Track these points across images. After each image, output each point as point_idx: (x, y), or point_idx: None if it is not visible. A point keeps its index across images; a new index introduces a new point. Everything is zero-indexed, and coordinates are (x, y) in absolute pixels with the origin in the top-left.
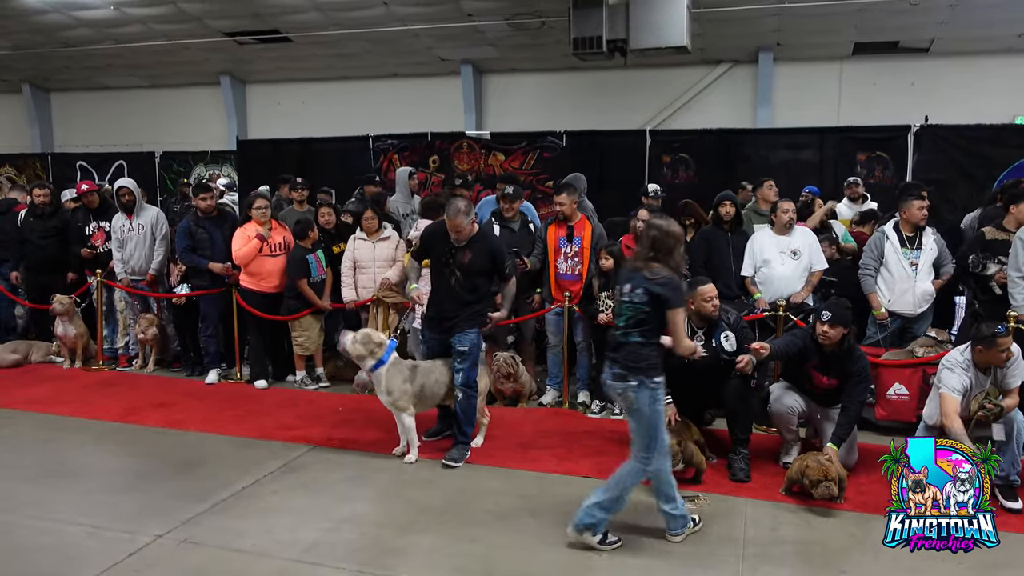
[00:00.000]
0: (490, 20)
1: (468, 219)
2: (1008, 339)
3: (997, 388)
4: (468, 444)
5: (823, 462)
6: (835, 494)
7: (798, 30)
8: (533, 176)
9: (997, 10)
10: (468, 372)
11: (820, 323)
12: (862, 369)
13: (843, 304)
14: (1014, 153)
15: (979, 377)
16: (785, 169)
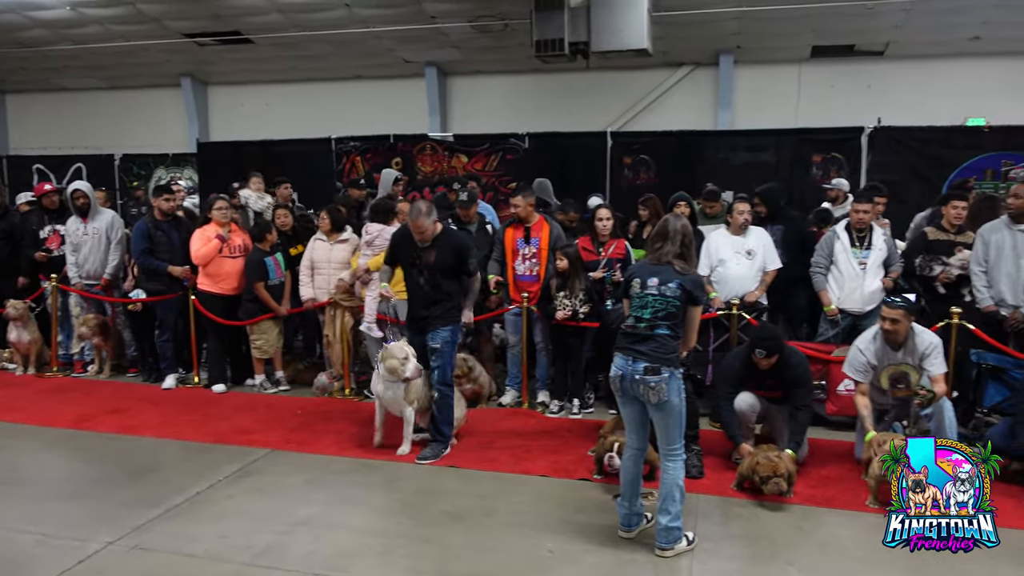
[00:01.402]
0: (453, 22)
1: (430, 219)
2: (890, 311)
3: (914, 368)
4: (445, 443)
5: (772, 458)
6: (784, 490)
7: (757, 33)
8: (496, 178)
9: (949, 15)
10: (443, 370)
11: (755, 356)
12: (802, 376)
13: (771, 332)
14: (964, 154)
15: (888, 352)
16: (744, 170)
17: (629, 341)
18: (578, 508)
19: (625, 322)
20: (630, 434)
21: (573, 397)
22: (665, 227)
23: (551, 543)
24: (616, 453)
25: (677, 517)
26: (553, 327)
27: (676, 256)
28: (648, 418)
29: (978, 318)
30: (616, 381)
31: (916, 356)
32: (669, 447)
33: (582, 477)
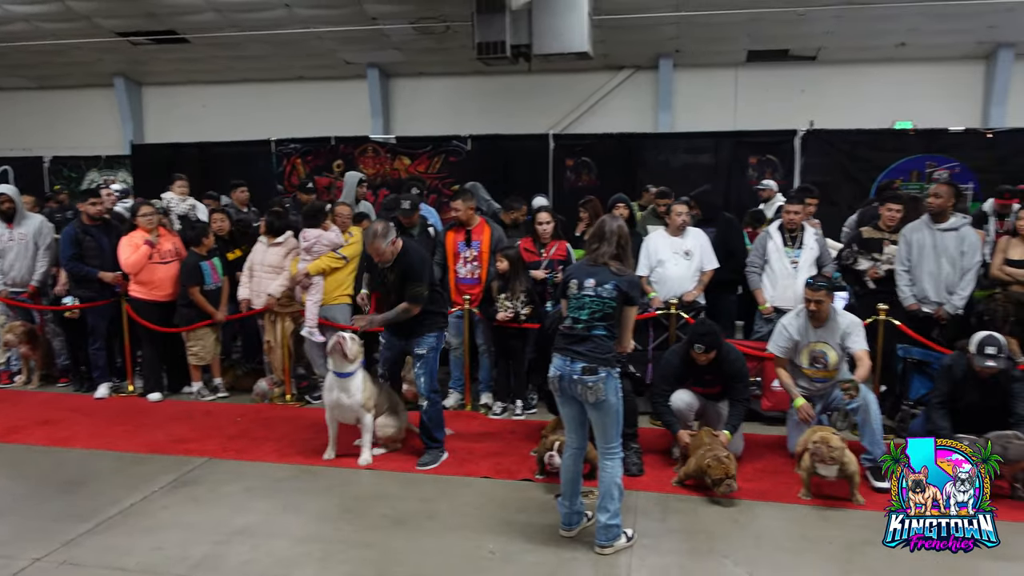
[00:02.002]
0: (394, 24)
1: (387, 241)
2: (813, 293)
3: (832, 348)
4: (440, 447)
5: (723, 459)
6: (736, 489)
7: (695, 37)
8: (439, 180)
9: (877, 22)
10: (430, 376)
11: (695, 352)
12: (739, 370)
13: (710, 328)
14: (891, 156)
15: (810, 330)
16: (683, 172)
17: (567, 342)
18: (520, 508)
19: (563, 323)
20: (569, 433)
21: (516, 398)
22: (601, 228)
23: (493, 544)
24: (556, 452)
25: (616, 515)
26: (495, 329)
27: (612, 257)
28: (587, 417)
29: (904, 314)
30: (555, 381)
31: (837, 335)
32: (607, 446)
33: (524, 478)
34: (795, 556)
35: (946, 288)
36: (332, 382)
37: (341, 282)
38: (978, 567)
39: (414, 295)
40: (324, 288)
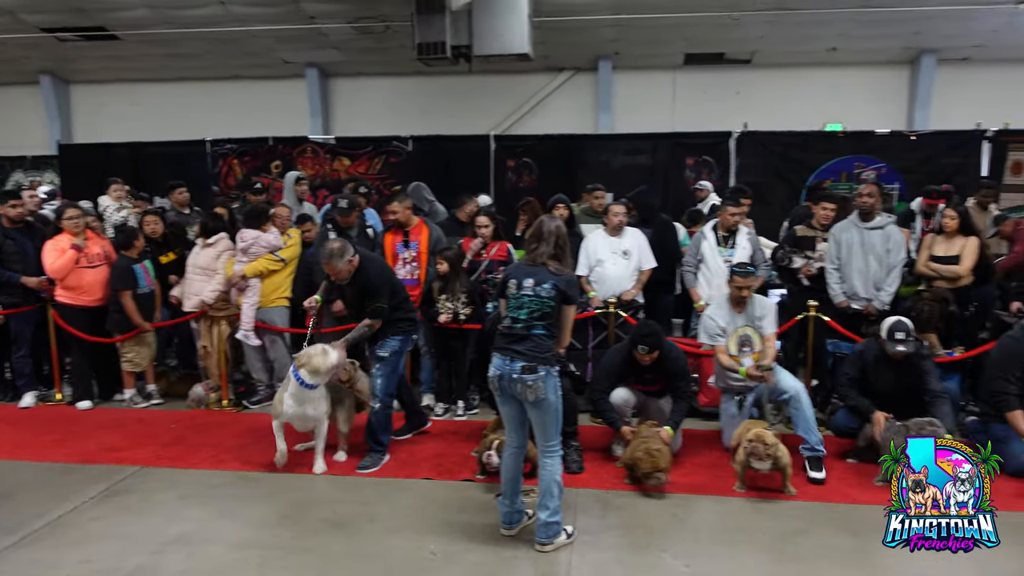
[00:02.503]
0: (333, 23)
1: (343, 260)
2: (742, 279)
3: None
4: (383, 452)
5: (653, 452)
6: (665, 483)
7: (634, 40)
8: (380, 180)
9: (808, 27)
10: (387, 379)
11: (638, 353)
12: (681, 368)
13: (652, 328)
14: (822, 157)
15: (733, 316)
16: (623, 173)
17: (506, 341)
18: (461, 509)
19: (502, 323)
20: (509, 432)
21: (457, 399)
22: (540, 229)
23: (434, 545)
24: (494, 451)
25: (556, 512)
26: (435, 330)
27: (551, 257)
28: (527, 416)
29: (834, 311)
30: (494, 381)
31: (754, 319)
32: (547, 444)
33: (466, 478)
34: (730, 547)
35: (874, 285)
36: (298, 394)
37: (279, 284)
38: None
39: (375, 311)
40: (261, 290)
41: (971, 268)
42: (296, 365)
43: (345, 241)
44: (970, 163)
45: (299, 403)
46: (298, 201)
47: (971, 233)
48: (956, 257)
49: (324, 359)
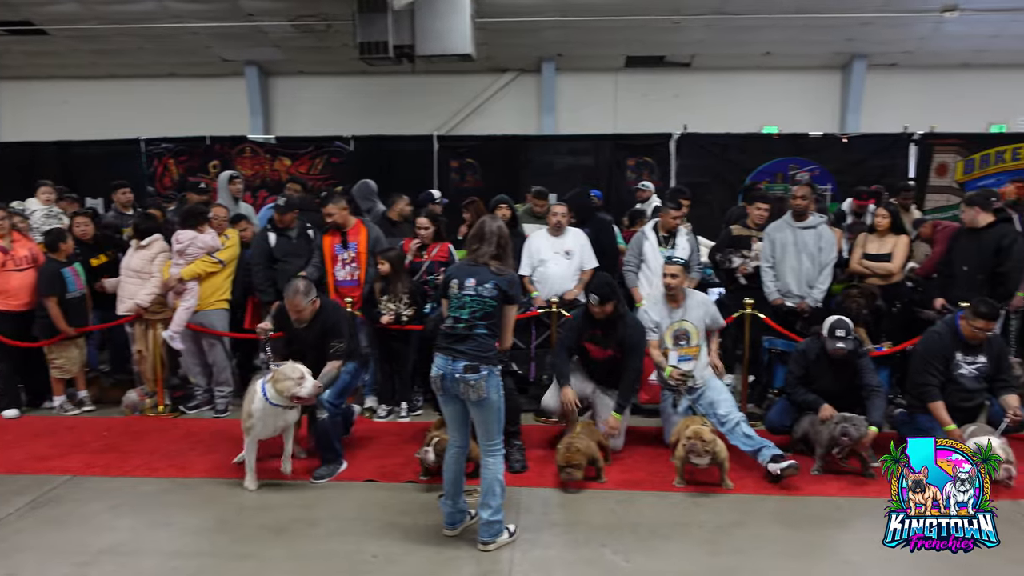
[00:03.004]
0: (272, 21)
1: (307, 299)
2: (671, 267)
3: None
4: (339, 460)
5: (571, 448)
6: (576, 479)
7: (576, 42)
8: (322, 181)
9: (744, 32)
10: (334, 390)
11: (592, 306)
12: (633, 335)
13: (606, 279)
14: (758, 158)
15: (669, 311)
16: (566, 173)
17: (449, 341)
18: (403, 511)
19: (444, 323)
20: (452, 432)
21: (401, 401)
22: (481, 229)
23: (375, 548)
24: (431, 448)
25: (498, 511)
26: (378, 331)
27: (492, 257)
28: (469, 416)
29: (769, 308)
30: (437, 380)
31: (693, 313)
32: (489, 443)
33: (408, 480)
34: (668, 541)
35: (806, 282)
36: (266, 407)
37: (218, 287)
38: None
39: (339, 351)
40: (199, 293)
41: (902, 265)
42: (267, 381)
43: (309, 282)
44: (898, 165)
45: (270, 416)
46: (234, 200)
47: (902, 232)
48: (888, 255)
49: (296, 387)
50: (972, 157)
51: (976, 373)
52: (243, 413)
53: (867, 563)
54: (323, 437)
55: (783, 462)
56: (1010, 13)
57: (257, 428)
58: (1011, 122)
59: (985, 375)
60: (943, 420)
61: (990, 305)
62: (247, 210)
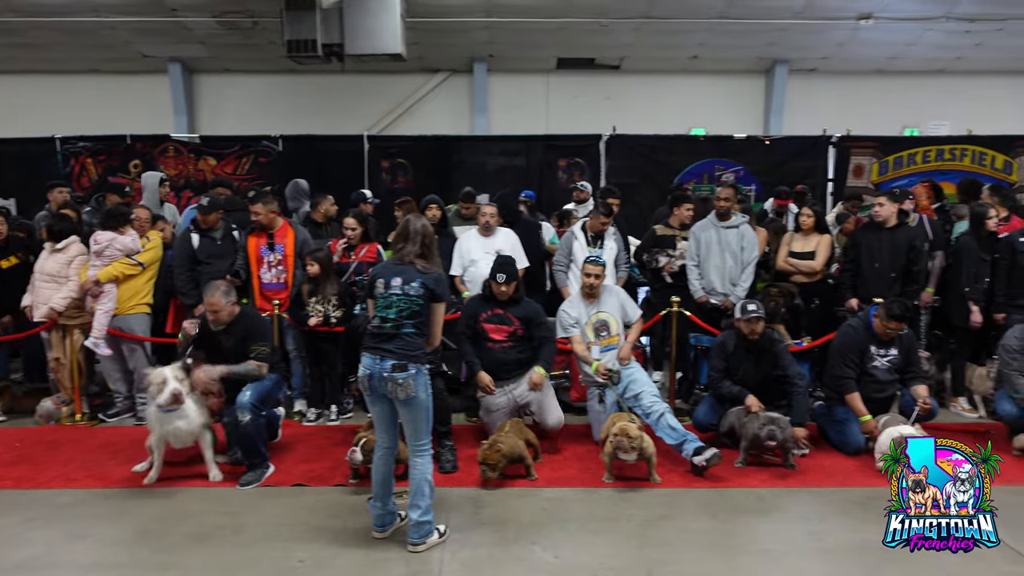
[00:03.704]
0: (197, 17)
1: (228, 300)
2: (593, 267)
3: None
4: (265, 464)
5: (492, 447)
6: (491, 478)
7: (507, 43)
8: (249, 181)
9: (671, 36)
10: (255, 393)
11: (495, 284)
12: (535, 310)
13: (509, 259)
14: (685, 159)
15: (586, 306)
16: (498, 174)
17: (376, 341)
18: (332, 514)
19: (371, 323)
20: (380, 433)
21: (331, 403)
22: (406, 228)
23: (302, 552)
24: (359, 449)
25: (427, 511)
26: (306, 334)
27: (417, 256)
28: (397, 416)
29: (695, 305)
30: (364, 380)
31: (610, 304)
32: (417, 443)
33: (338, 483)
34: (597, 536)
35: (730, 280)
36: (161, 417)
37: (138, 290)
38: (750, 528)
39: (262, 354)
40: (118, 297)
41: (824, 263)
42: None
43: (230, 285)
44: (818, 166)
45: (164, 421)
46: (160, 204)
47: (825, 231)
48: (812, 253)
49: (159, 392)
50: (887, 159)
51: (888, 365)
52: (147, 417)
53: (786, 552)
54: (247, 442)
55: (706, 452)
56: (922, 22)
57: (159, 431)
58: (923, 126)
59: (897, 367)
60: (859, 411)
61: (903, 306)
62: (171, 211)
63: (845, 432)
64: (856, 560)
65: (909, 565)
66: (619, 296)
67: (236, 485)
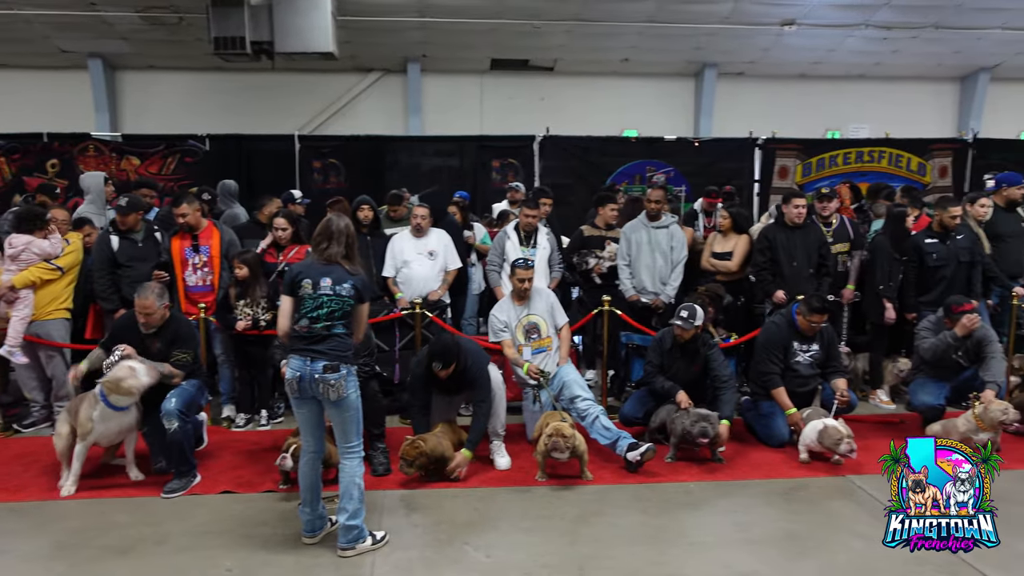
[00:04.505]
0: (118, 11)
1: (161, 302)
2: (524, 272)
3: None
4: (192, 473)
5: (410, 444)
6: (409, 474)
7: (441, 44)
8: (175, 182)
9: (602, 38)
10: (180, 400)
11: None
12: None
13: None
14: (617, 161)
15: (516, 308)
16: (433, 175)
17: (305, 343)
18: (261, 522)
19: (298, 324)
20: (306, 437)
21: (261, 408)
22: (328, 227)
23: (230, 561)
24: (289, 454)
25: (356, 515)
26: (234, 337)
27: (343, 256)
28: (323, 419)
29: (626, 304)
30: (293, 383)
31: (540, 306)
32: (347, 445)
33: (268, 489)
34: (530, 535)
35: (660, 279)
36: (108, 413)
37: (57, 295)
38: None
39: (182, 362)
40: (36, 302)
41: (741, 263)
42: (103, 390)
43: (163, 287)
44: (745, 168)
45: (109, 420)
46: (105, 204)
47: (743, 232)
48: (730, 253)
49: (135, 381)
50: (810, 161)
51: (811, 360)
52: (80, 419)
53: (713, 543)
54: (176, 450)
55: (640, 447)
56: (843, 29)
57: (97, 432)
58: (844, 129)
59: (818, 362)
60: (785, 405)
61: (822, 300)
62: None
63: (771, 426)
64: (780, 549)
65: (826, 554)
66: (549, 299)
67: (160, 494)
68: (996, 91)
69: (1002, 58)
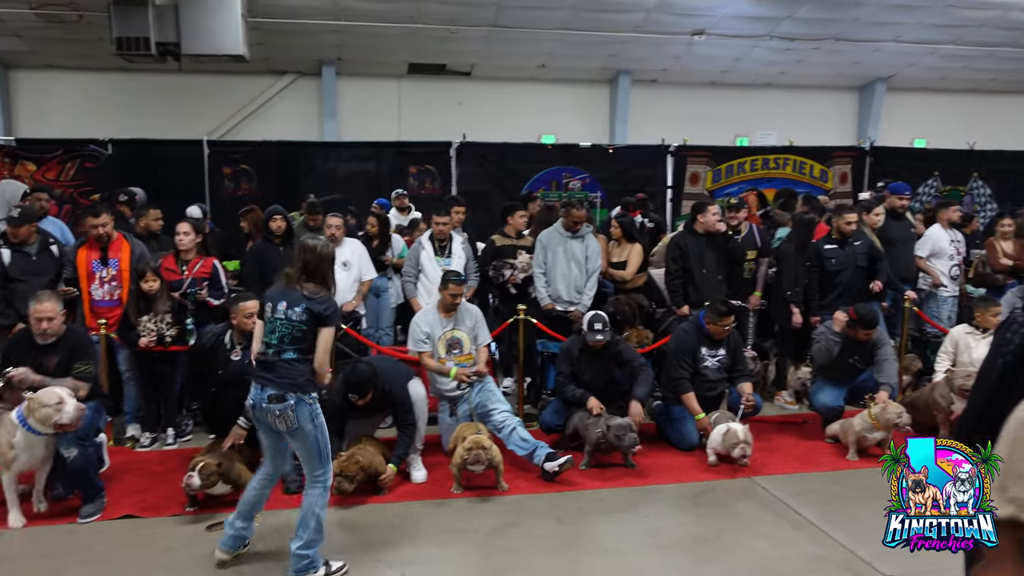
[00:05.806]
0: (10, 7)
1: (59, 309)
2: (456, 287)
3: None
4: (102, 496)
5: (347, 458)
6: (346, 490)
7: (357, 47)
8: (74, 188)
9: (518, 44)
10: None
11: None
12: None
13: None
14: (534, 167)
15: (441, 320)
16: (349, 180)
17: (259, 369)
18: (167, 547)
19: (260, 349)
20: (265, 459)
21: (167, 426)
22: (297, 248)
23: None
24: (196, 473)
25: (309, 545)
26: (138, 354)
27: (305, 279)
28: (283, 445)
29: (542, 312)
30: (249, 411)
31: (465, 323)
32: (312, 474)
33: (174, 512)
34: (444, 548)
35: (575, 289)
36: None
37: None
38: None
39: (85, 374)
40: None
41: (634, 271)
42: (24, 410)
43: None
44: (658, 174)
45: (31, 447)
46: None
47: (634, 240)
48: (624, 263)
49: (56, 414)
50: (719, 167)
51: (718, 365)
52: (1, 447)
53: (625, 549)
54: (81, 474)
55: (559, 459)
56: (750, 39)
57: (22, 460)
58: (752, 136)
59: (725, 366)
60: (694, 409)
61: (727, 304)
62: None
63: (681, 430)
64: (688, 553)
65: (731, 556)
66: (476, 317)
67: (76, 520)
68: (892, 100)
69: (895, 69)
